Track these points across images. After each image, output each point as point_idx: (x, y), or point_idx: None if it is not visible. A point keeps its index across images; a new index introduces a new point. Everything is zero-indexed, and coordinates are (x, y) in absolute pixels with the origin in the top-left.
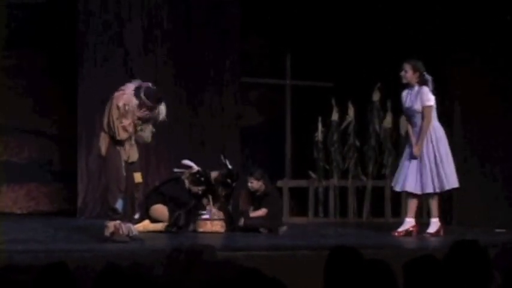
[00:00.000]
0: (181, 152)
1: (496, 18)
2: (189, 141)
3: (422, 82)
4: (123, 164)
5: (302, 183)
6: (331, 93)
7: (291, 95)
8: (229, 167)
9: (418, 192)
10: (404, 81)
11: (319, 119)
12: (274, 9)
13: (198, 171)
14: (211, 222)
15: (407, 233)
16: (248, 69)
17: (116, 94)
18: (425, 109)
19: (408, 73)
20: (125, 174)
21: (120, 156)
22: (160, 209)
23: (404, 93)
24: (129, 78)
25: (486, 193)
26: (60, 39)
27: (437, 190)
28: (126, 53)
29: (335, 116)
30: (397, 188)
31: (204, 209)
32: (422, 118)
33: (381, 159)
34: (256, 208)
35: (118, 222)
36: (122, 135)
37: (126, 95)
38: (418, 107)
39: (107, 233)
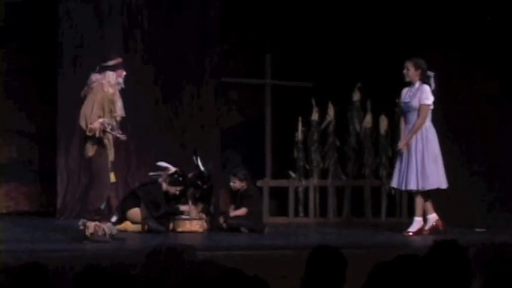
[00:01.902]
0: (162, 152)
1: (476, 18)
2: (169, 141)
3: (424, 80)
4: (110, 165)
5: (282, 183)
6: (311, 93)
7: (271, 94)
8: (201, 168)
9: (402, 188)
10: (407, 79)
11: (299, 118)
12: (254, 9)
13: (175, 171)
14: (190, 221)
15: (433, 228)
16: (228, 69)
17: (94, 85)
18: (421, 107)
19: (410, 71)
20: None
21: (107, 158)
22: (137, 213)
23: (405, 90)
24: None
25: (466, 193)
26: (40, 39)
27: (420, 189)
28: (106, 53)
29: (315, 116)
30: (391, 185)
31: (179, 213)
32: (418, 116)
33: (361, 159)
34: (237, 207)
35: (97, 223)
36: (94, 127)
37: (97, 80)
38: (415, 103)
39: (87, 233)
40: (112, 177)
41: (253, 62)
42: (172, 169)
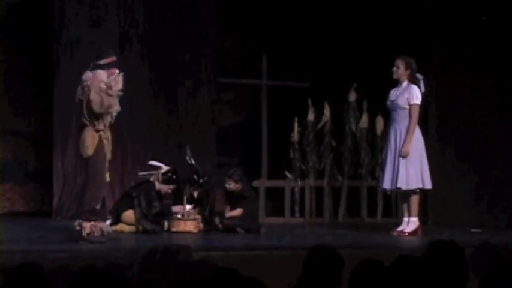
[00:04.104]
0: (158, 152)
1: (471, 18)
2: (165, 141)
3: (414, 80)
4: (107, 164)
5: (278, 183)
6: (307, 94)
7: (267, 95)
8: (193, 163)
9: (389, 187)
10: (394, 76)
11: (295, 119)
12: (250, 9)
13: (169, 170)
14: (185, 222)
15: (415, 232)
16: (224, 70)
17: (88, 83)
18: (412, 107)
19: (400, 69)
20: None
21: (105, 157)
22: (131, 215)
23: (393, 89)
24: None
25: (462, 193)
26: (37, 39)
27: (409, 188)
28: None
29: (311, 116)
30: (379, 184)
31: (172, 213)
32: (409, 116)
33: (357, 159)
34: (232, 208)
35: (93, 223)
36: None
37: (90, 78)
38: (401, 102)
39: (84, 233)
40: (106, 177)
41: (249, 62)
42: (165, 168)
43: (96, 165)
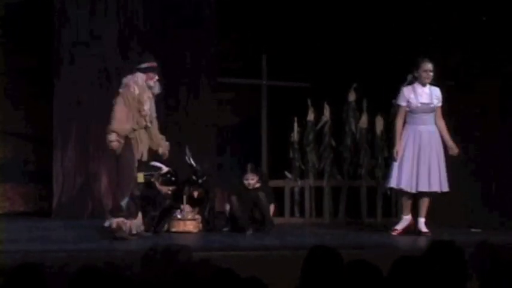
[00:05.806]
0: (158, 152)
1: (476, 17)
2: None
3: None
4: (136, 163)
5: (278, 183)
6: (307, 94)
7: (266, 95)
8: (192, 163)
9: (427, 189)
10: (430, 80)
11: (295, 119)
12: (250, 9)
13: (168, 171)
14: (184, 222)
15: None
16: (224, 70)
17: (120, 90)
18: (439, 109)
19: (432, 71)
20: (136, 173)
21: (134, 156)
22: None
23: (409, 89)
24: (105, 78)
25: (462, 193)
26: (37, 40)
27: (444, 189)
28: (102, 53)
29: (311, 116)
30: (393, 185)
31: (178, 209)
32: (439, 116)
33: (357, 159)
34: (247, 204)
35: (121, 219)
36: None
37: (126, 82)
38: (436, 104)
39: (111, 230)
40: (140, 178)
41: (249, 62)
42: (165, 169)
43: (124, 164)
